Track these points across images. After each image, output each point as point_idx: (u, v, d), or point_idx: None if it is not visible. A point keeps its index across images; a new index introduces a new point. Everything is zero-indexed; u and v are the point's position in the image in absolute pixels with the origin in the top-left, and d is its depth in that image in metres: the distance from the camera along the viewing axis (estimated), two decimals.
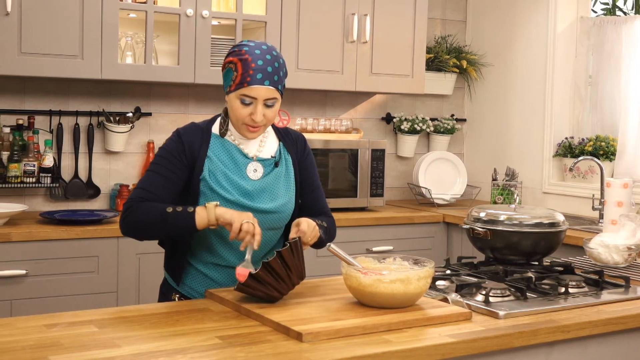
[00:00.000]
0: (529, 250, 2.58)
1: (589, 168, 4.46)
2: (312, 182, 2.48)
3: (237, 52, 2.26)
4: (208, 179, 2.29)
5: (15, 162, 3.70)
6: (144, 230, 2.27)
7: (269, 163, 2.38)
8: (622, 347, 2.21)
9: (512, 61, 4.88)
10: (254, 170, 2.35)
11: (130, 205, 2.25)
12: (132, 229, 2.27)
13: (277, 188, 2.37)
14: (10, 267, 3.30)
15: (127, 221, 2.26)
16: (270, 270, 2.05)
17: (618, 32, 4.44)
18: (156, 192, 2.26)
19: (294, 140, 2.46)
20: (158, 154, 2.33)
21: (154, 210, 2.22)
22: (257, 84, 2.22)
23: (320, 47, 4.22)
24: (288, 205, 2.39)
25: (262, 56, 2.23)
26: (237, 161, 2.34)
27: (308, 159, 2.48)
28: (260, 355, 1.71)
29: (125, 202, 2.28)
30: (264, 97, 2.24)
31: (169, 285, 2.41)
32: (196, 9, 3.85)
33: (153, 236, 2.32)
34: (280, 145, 2.43)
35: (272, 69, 2.24)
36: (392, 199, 4.91)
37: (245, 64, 2.23)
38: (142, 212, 2.23)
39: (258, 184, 2.34)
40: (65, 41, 3.57)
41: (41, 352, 1.69)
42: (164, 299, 2.40)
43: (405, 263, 2.22)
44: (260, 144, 2.38)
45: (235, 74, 2.24)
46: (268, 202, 2.34)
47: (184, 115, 4.26)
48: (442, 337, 1.88)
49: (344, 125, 4.54)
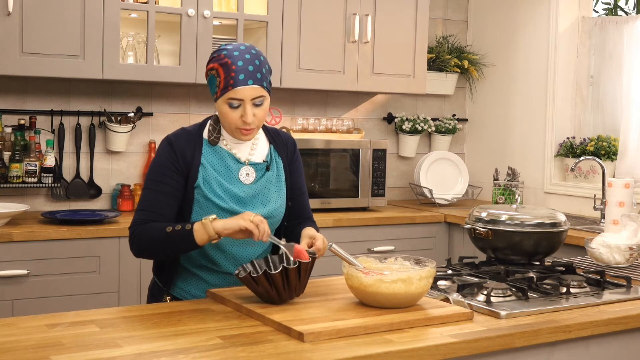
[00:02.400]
0: (531, 250, 2.58)
1: (590, 168, 4.46)
2: (300, 187, 2.47)
3: (216, 58, 2.24)
4: (202, 187, 2.28)
5: (17, 162, 3.71)
6: (153, 253, 2.29)
7: (261, 167, 2.36)
8: (624, 347, 2.21)
9: (514, 61, 4.88)
10: (246, 175, 2.33)
11: (134, 230, 2.25)
12: (142, 252, 2.28)
13: (268, 193, 2.36)
14: (12, 267, 3.30)
15: (134, 247, 2.27)
16: (286, 276, 2.05)
17: (620, 32, 4.44)
18: (157, 210, 2.25)
19: (284, 142, 2.45)
20: (151, 168, 2.30)
21: (155, 233, 2.21)
22: (241, 85, 2.21)
23: (321, 47, 4.22)
24: (279, 209, 2.38)
25: (241, 57, 2.21)
26: (229, 167, 2.32)
27: (297, 162, 2.47)
28: (261, 355, 1.71)
29: (130, 226, 2.27)
30: (250, 96, 2.22)
31: (160, 288, 2.38)
32: (198, 9, 3.85)
33: (164, 256, 2.31)
34: (271, 148, 2.41)
35: (253, 68, 2.22)
36: (394, 199, 4.91)
37: (226, 67, 2.21)
38: (145, 235, 2.23)
39: (250, 189, 2.33)
40: (66, 41, 3.57)
41: (43, 352, 1.69)
42: (155, 302, 2.35)
43: (407, 263, 2.22)
44: (252, 148, 2.36)
45: (219, 79, 2.22)
46: (260, 207, 2.33)
47: (186, 115, 4.26)
48: (444, 337, 1.88)
49: (345, 125, 4.54)
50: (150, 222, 2.23)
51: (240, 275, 2.08)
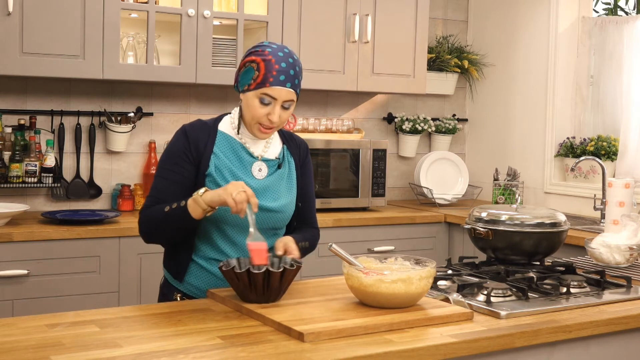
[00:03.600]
0: (531, 250, 2.58)
1: (590, 168, 4.46)
2: (307, 191, 2.51)
3: (259, 52, 2.29)
4: (214, 174, 2.32)
5: (17, 162, 3.71)
6: (158, 235, 2.35)
7: (273, 164, 2.41)
8: (624, 347, 2.21)
9: (514, 61, 4.88)
10: (258, 170, 2.38)
11: (141, 215, 2.33)
12: (149, 236, 2.35)
13: (279, 188, 2.40)
14: (12, 267, 3.30)
15: (142, 231, 2.35)
16: (267, 277, 2.05)
17: (620, 32, 4.44)
18: (166, 197, 2.30)
19: (297, 145, 2.50)
20: (164, 156, 2.36)
21: (157, 214, 2.28)
22: (279, 85, 2.26)
23: (321, 47, 4.22)
24: (289, 206, 2.42)
25: (284, 59, 2.27)
26: (243, 159, 2.37)
27: (307, 167, 2.52)
28: (261, 355, 1.71)
29: (139, 211, 2.35)
30: (284, 98, 2.28)
31: (170, 285, 2.41)
32: (198, 9, 3.85)
33: (169, 238, 2.36)
34: (284, 148, 2.46)
35: (293, 72, 2.28)
36: (394, 199, 4.91)
37: (268, 64, 2.26)
38: (149, 218, 2.31)
39: (262, 183, 2.37)
40: (66, 41, 3.57)
41: (43, 352, 1.69)
42: (165, 300, 2.40)
43: (407, 263, 2.22)
44: (266, 145, 2.41)
45: (257, 73, 2.27)
46: (271, 200, 2.36)
47: (186, 115, 4.26)
48: (444, 337, 1.88)
49: (345, 125, 4.54)
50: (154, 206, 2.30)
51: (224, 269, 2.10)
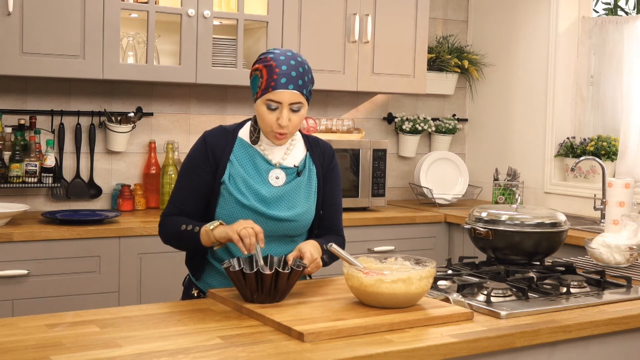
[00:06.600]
0: (531, 250, 2.58)
1: (590, 168, 4.46)
2: (332, 197, 2.48)
3: (262, 60, 2.31)
4: (227, 182, 2.34)
5: (17, 162, 3.71)
6: (174, 245, 2.44)
7: (292, 172, 2.40)
8: (624, 347, 2.21)
9: (514, 61, 4.88)
10: (275, 177, 2.38)
11: (161, 221, 2.43)
12: (167, 243, 2.45)
13: (296, 197, 2.38)
14: (12, 267, 3.30)
15: (161, 236, 2.45)
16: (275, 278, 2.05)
17: (620, 32, 4.43)
18: (184, 207, 2.38)
19: (322, 151, 2.48)
20: (184, 162, 2.41)
21: (174, 228, 2.37)
22: (281, 89, 2.26)
23: (321, 47, 4.22)
24: (306, 214, 2.39)
25: (286, 62, 2.28)
26: (259, 167, 2.37)
27: (333, 172, 2.49)
28: (261, 355, 1.71)
29: (161, 215, 2.44)
30: (289, 101, 2.28)
31: (190, 281, 2.48)
32: (198, 9, 3.85)
33: (182, 249, 2.46)
34: (307, 155, 2.45)
35: (296, 74, 2.28)
36: (394, 199, 4.91)
37: (269, 69, 2.27)
38: (168, 228, 2.40)
39: (277, 191, 2.36)
40: (66, 41, 3.57)
41: (43, 352, 1.69)
42: (186, 294, 2.48)
43: (407, 263, 2.22)
44: (286, 152, 2.40)
45: (261, 80, 2.28)
46: (285, 210, 2.36)
47: (186, 115, 4.26)
48: (444, 337, 1.88)
49: (345, 125, 4.54)
50: (175, 216, 2.38)
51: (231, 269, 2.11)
